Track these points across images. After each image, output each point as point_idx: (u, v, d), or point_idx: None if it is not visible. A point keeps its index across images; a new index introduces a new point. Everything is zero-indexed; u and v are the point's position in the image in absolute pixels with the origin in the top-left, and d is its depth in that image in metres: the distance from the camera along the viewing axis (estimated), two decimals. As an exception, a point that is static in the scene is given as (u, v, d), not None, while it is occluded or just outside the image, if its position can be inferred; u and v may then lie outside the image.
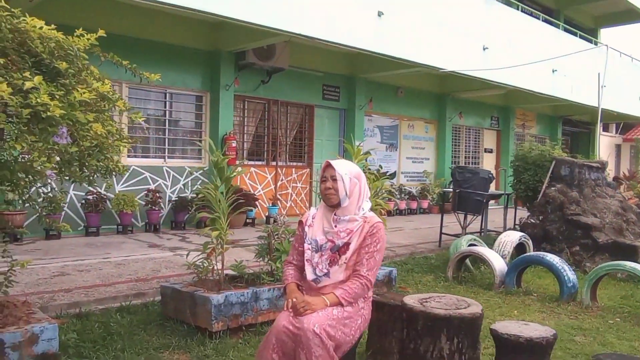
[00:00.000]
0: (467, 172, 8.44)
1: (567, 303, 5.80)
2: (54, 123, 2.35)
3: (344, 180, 2.97)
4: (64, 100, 2.40)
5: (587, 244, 7.95)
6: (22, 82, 2.33)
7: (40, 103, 2.28)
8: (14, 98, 2.26)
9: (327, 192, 2.99)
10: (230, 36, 9.87)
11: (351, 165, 3.14)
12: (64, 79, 2.51)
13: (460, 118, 16.52)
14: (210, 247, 4.61)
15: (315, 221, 3.09)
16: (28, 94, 2.32)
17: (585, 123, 23.14)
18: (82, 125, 2.47)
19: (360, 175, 3.08)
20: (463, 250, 6.72)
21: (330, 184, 2.99)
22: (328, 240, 2.98)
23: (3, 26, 2.52)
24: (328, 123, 12.81)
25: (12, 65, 2.45)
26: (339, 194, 2.96)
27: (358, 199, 3.02)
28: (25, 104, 2.29)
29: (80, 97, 2.41)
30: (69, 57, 2.63)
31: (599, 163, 9.45)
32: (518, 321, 3.68)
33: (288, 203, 11.95)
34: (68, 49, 2.63)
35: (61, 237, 8.38)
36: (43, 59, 2.54)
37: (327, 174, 3.02)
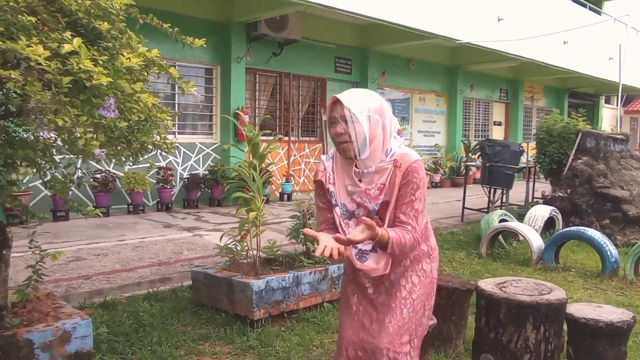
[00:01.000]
0: (497, 145, 8.12)
1: (609, 279, 5.56)
2: (99, 93, 2.01)
3: (362, 121, 2.06)
4: (109, 66, 2.06)
5: (617, 217, 7.71)
6: (59, 45, 1.98)
7: (82, 69, 1.93)
8: (52, 63, 1.92)
9: (340, 139, 2.10)
10: (241, 6, 9.43)
11: (368, 96, 2.15)
12: (106, 42, 2.16)
13: (471, 91, 16.15)
14: (246, 229, 4.29)
15: (336, 177, 2.23)
16: (67, 59, 1.97)
17: (590, 95, 22.86)
18: (129, 96, 2.13)
19: (382, 109, 2.14)
20: (498, 226, 6.44)
21: (341, 127, 2.08)
22: (357, 204, 2.18)
23: (30, -20, 2.16)
24: (340, 96, 12.41)
25: (43, 26, 2.10)
26: (356, 142, 2.08)
27: (383, 141, 2.14)
28: (64, 71, 1.95)
29: (128, 64, 2.07)
30: (107, 17, 2.28)
31: (623, 135, 9.15)
32: (590, 304, 3.40)
33: (301, 179, 11.64)
34: (106, 7, 2.27)
35: (69, 218, 8.05)
36: (79, 19, 2.18)
37: (336, 114, 2.10)
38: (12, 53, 1.84)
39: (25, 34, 1.96)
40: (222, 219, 8.44)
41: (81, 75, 1.94)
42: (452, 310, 3.63)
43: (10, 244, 2.73)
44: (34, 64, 1.89)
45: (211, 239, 6.86)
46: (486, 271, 5.77)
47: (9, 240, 2.72)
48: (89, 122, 1.97)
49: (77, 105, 1.99)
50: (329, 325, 4.07)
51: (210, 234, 7.12)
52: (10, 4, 1.97)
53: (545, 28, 13.63)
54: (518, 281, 3.12)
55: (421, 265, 2.29)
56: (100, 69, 1.98)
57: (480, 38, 11.94)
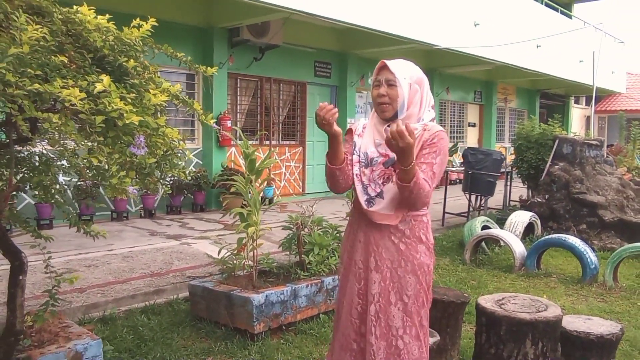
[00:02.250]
0: (479, 153, 8.34)
1: (590, 285, 5.79)
2: (128, 131, 2.06)
3: (403, 86, 2.30)
4: (137, 103, 2.11)
5: (594, 222, 7.98)
6: (88, 84, 2.03)
7: (113, 109, 1.99)
8: (85, 104, 1.97)
9: (381, 100, 2.33)
10: (224, 12, 9.44)
11: (412, 67, 2.42)
12: (132, 79, 2.22)
13: (447, 93, 16.42)
14: (244, 243, 4.36)
15: (366, 132, 2.46)
16: (98, 98, 2.03)
17: (560, 96, 23.45)
18: (154, 131, 2.19)
19: (422, 81, 2.40)
20: (481, 234, 6.63)
21: (384, 89, 2.32)
22: (380, 154, 2.38)
23: (55, 17, 2.20)
24: (320, 100, 12.51)
25: (71, 63, 2.15)
26: (394, 105, 2.32)
27: (419, 110, 2.37)
28: (96, 110, 2.00)
29: (155, 101, 2.13)
30: (130, 52, 2.33)
31: (597, 141, 9.48)
32: (580, 316, 3.58)
33: (282, 183, 11.71)
34: (129, 42, 2.33)
35: (54, 226, 7.98)
36: (105, 56, 2.23)
37: (381, 77, 2.34)
38: (48, 95, 1.89)
39: (57, 73, 2.01)
40: (207, 225, 8.46)
41: (112, 114, 1.99)
42: (448, 323, 3.76)
43: (25, 269, 2.76)
44: (68, 104, 1.93)
45: (199, 247, 6.90)
46: (471, 278, 5.94)
47: (24, 265, 2.75)
48: (121, 160, 2.03)
49: (109, 144, 2.04)
50: (326, 337, 4.16)
51: (197, 242, 7.15)
52: (41, 43, 2.01)
53: (520, 32, 13.98)
54: (515, 297, 3.27)
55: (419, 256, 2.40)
56: (130, 107, 2.03)
57: (457, 43, 12.17)
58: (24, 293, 2.74)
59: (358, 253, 2.49)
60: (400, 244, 2.40)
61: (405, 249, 2.40)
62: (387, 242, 2.41)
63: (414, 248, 2.40)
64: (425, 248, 2.43)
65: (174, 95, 2.33)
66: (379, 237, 2.42)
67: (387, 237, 2.41)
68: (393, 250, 2.40)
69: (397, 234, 2.40)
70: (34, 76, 1.88)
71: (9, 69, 1.78)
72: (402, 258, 2.40)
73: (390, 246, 2.41)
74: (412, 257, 2.40)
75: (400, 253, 2.40)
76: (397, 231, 2.40)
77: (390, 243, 2.41)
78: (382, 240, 2.42)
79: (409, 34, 10.86)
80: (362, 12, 9.60)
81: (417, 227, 2.41)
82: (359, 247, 2.50)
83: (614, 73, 21.05)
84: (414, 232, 2.41)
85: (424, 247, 2.42)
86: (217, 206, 9.94)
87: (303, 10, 8.50)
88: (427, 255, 2.44)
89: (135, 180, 2.16)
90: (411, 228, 2.40)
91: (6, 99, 1.80)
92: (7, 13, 1.95)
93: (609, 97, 26.10)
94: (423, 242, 2.42)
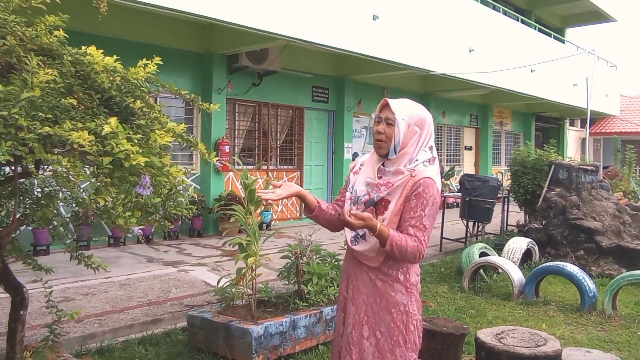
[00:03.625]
0: (476, 180, 8.39)
1: (588, 313, 5.78)
2: (134, 172, 2.09)
3: (400, 126, 2.33)
4: (144, 144, 2.14)
5: (591, 248, 8.00)
6: (96, 125, 2.06)
7: (121, 150, 2.01)
8: (93, 145, 2.00)
9: (378, 137, 2.38)
10: (223, 39, 9.54)
11: (415, 107, 2.43)
12: (138, 119, 2.25)
13: (443, 117, 16.56)
14: (243, 274, 4.36)
15: (363, 169, 2.52)
16: (105, 139, 2.05)
17: (555, 119, 23.65)
18: (159, 170, 2.21)
19: (424, 122, 2.40)
20: (479, 261, 6.63)
21: (382, 127, 2.36)
22: (367, 192, 2.43)
23: (65, 59, 2.24)
24: (317, 125, 12.61)
25: (79, 104, 2.18)
26: (389, 143, 2.35)
27: (414, 150, 2.38)
28: (103, 152, 2.03)
29: (161, 141, 2.16)
30: (137, 92, 2.36)
31: (593, 166, 9.54)
32: (579, 349, 3.58)
33: (279, 207, 11.71)
34: (135, 82, 2.36)
35: (50, 252, 7.95)
36: (112, 96, 2.27)
37: (382, 115, 2.40)
38: (57, 138, 1.91)
39: (67, 115, 2.04)
40: (205, 251, 8.44)
41: (119, 155, 2.01)
42: (447, 355, 3.76)
43: (27, 304, 2.75)
44: (76, 146, 1.96)
45: (197, 274, 6.87)
46: (470, 307, 5.94)
47: (25, 300, 2.75)
48: (127, 200, 2.05)
49: (115, 184, 2.06)
50: (326, 369, 4.15)
51: (195, 269, 7.13)
52: (51, 85, 2.04)
53: (514, 57, 14.17)
54: (514, 331, 3.28)
55: (395, 295, 2.41)
56: (137, 147, 2.05)
57: (452, 69, 12.31)
58: (24, 328, 2.73)
59: (343, 284, 2.60)
60: (377, 280, 2.45)
61: (381, 286, 2.44)
62: (364, 277, 2.48)
63: (390, 286, 2.43)
64: (403, 287, 2.44)
65: (179, 135, 2.35)
66: (357, 271, 2.50)
67: (365, 272, 2.48)
68: (370, 285, 2.46)
69: (374, 271, 2.46)
70: (44, 119, 1.91)
71: (21, 114, 1.81)
72: (378, 294, 2.44)
73: (367, 281, 2.47)
74: (387, 295, 2.43)
75: (376, 289, 2.45)
76: (375, 269, 2.45)
77: (368, 278, 2.47)
78: (360, 275, 2.49)
79: (406, 60, 10.98)
80: (359, 39, 9.72)
81: (395, 266, 2.44)
82: (344, 278, 2.60)
83: (607, 96, 21.29)
84: (391, 271, 2.44)
85: (401, 286, 2.44)
86: (214, 231, 9.93)
87: (301, 38, 8.60)
88: (404, 295, 2.44)
89: (140, 220, 2.17)
90: (389, 266, 2.44)
91: (17, 142, 1.82)
92: (20, 56, 1.98)
93: (603, 119, 26.33)
94: (400, 282, 2.44)
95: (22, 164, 2.61)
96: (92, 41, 2.70)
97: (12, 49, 2.02)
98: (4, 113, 1.80)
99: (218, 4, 7.46)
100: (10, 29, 2.05)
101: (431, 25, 11.54)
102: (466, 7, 13.06)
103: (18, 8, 2.21)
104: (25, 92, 1.85)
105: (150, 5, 6.89)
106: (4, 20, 2.04)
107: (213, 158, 2.47)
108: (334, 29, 9.20)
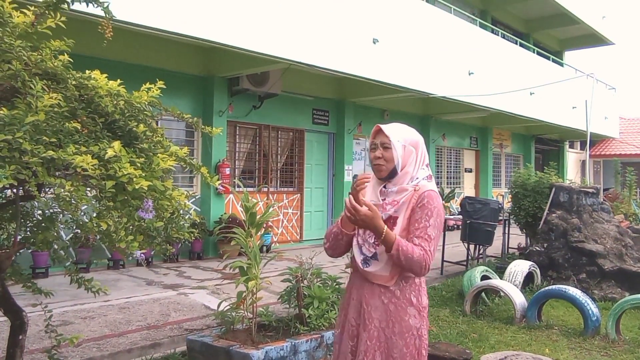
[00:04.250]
0: (477, 203, 8.38)
1: (592, 337, 5.73)
2: (137, 195, 2.08)
3: (397, 148, 2.42)
4: (147, 168, 2.14)
5: (593, 271, 7.95)
6: (100, 149, 2.06)
7: (124, 174, 2.01)
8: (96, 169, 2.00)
9: (376, 162, 2.45)
10: (225, 62, 9.62)
11: (407, 130, 2.54)
12: (141, 143, 2.25)
13: (443, 140, 16.61)
14: (243, 298, 4.32)
15: (366, 192, 2.55)
16: (108, 163, 2.05)
17: (554, 141, 23.73)
18: (161, 194, 2.21)
19: (417, 143, 2.51)
20: (481, 284, 6.59)
21: (380, 152, 2.44)
22: None
23: (70, 83, 2.25)
24: (317, 147, 12.65)
25: (83, 128, 2.19)
26: (389, 165, 2.43)
27: (413, 169, 2.47)
28: (106, 175, 2.02)
29: (164, 165, 2.16)
30: (140, 116, 2.37)
31: (593, 188, 9.54)
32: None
33: (280, 230, 11.68)
34: (138, 107, 2.37)
35: (49, 275, 7.90)
36: (116, 120, 2.27)
37: (377, 141, 2.47)
38: (61, 162, 1.91)
39: (70, 139, 2.04)
40: (204, 274, 8.39)
41: (122, 179, 2.01)
42: (452, 380, 3.72)
43: (26, 328, 2.73)
44: (79, 169, 1.96)
45: (197, 297, 6.82)
46: (472, 331, 5.88)
47: (24, 325, 2.72)
48: (130, 224, 2.04)
49: (118, 207, 2.06)
50: (327, 394, 4.09)
51: (195, 292, 7.08)
52: (55, 109, 2.05)
53: (513, 80, 14.27)
54: (517, 356, 3.25)
55: (408, 319, 2.40)
56: (139, 171, 2.05)
57: (452, 91, 12.40)
58: (23, 353, 2.69)
59: (352, 310, 2.53)
60: (390, 304, 2.41)
61: (394, 310, 2.41)
62: (376, 302, 2.44)
63: (404, 310, 2.41)
64: (416, 311, 2.43)
65: (182, 158, 2.35)
66: (369, 296, 2.46)
67: (377, 296, 2.44)
68: (382, 310, 2.42)
69: (387, 294, 2.42)
70: (48, 143, 1.92)
71: (25, 138, 1.81)
72: (391, 319, 2.41)
73: (380, 306, 2.43)
74: (400, 319, 2.40)
75: (389, 314, 2.41)
76: (387, 291, 2.42)
77: (380, 303, 2.43)
78: (372, 300, 2.45)
79: (405, 83, 11.06)
80: (359, 62, 9.80)
81: (407, 288, 2.42)
82: (352, 305, 2.54)
83: (606, 118, 21.39)
84: (404, 294, 2.42)
85: (414, 309, 2.42)
86: (214, 254, 9.89)
87: (302, 61, 8.67)
88: (417, 319, 2.43)
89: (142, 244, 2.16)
90: (401, 289, 2.42)
91: (21, 166, 1.82)
92: (25, 81, 1.99)
93: (603, 142, 26.42)
94: (413, 305, 2.42)
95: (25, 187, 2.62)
96: (96, 64, 2.73)
97: (17, 73, 2.04)
98: (8, 137, 1.80)
99: (220, 28, 7.54)
100: (16, 53, 2.07)
101: (431, 48, 11.65)
102: (465, 30, 13.21)
103: (24, 33, 2.23)
104: (30, 116, 1.86)
105: (154, 30, 6.96)
106: (10, 45, 2.06)
107: (215, 182, 2.47)
108: (335, 52, 9.28)
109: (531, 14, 19.46)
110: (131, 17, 6.45)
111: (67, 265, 2.94)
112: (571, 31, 21.22)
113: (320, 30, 8.97)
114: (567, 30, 21.19)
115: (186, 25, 7.13)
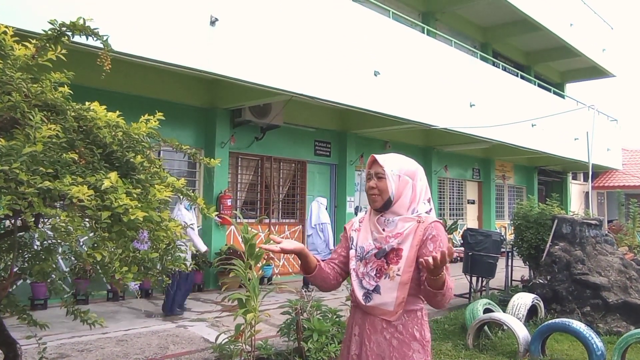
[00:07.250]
0: (479, 234, 8.34)
1: (597, 373, 5.62)
2: (132, 226, 2.08)
3: (391, 178, 2.38)
4: (143, 199, 2.14)
5: (598, 304, 7.85)
6: (96, 180, 2.07)
7: (120, 204, 2.01)
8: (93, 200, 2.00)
9: (371, 192, 2.42)
10: (227, 94, 9.72)
11: (403, 160, 2.48)
12: (138, 174, 2.26)
13: (445, 171, 16.63)
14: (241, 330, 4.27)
15: (363, 226, 2.51)
16: (104, 193, 2.05)
17: (557, 172, 23.72)
18: (157, 224, 2.20)
19: (415, 174, 2.45)
20: (483, 317, 6.50)
21: (373, 182, 2.41)
22: (375, 247, 2.41)
23: (69, 114, 2.27)
24: (319, 178, 12.67)
25: (80, 159, 2.20)
26: (384, 196, 2.39)
27: (411, 201, 2.40)
28: (102, 206, 2.02)
29: (160, 196, 2.16)
30: (138, 147, 2.39)
31: (596, 220, 9.49)
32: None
33: (281, 262, 11.61)
34: (137, 138, 2.39)
35: (48, 306, 7.84)
36: (113, 151, 2.29)
37: (372, 171, 2.45)
38: (57, 192, 1.92)
39: (67, 170, 2.05)
40: (205, 306, 8.32)
41: (118, 209, 2.01)
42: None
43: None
44: (75, 200, 1.96)
45: (196, 330, 6.75)
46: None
47: (18, 357, 2.69)
48: (125, 255, 2.03)
49: (113, 238, 2.05)
50: None
51: (194, 325, 7.01)
52: (53, 140, 2.07)
53: (514, 112, 14.36)
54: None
55: (412, 354, 2.34)
56: (135, 202, 2.05)
57: (453, 123, 12.46)
58: (17, 386, 2.66)
59: (354, 347, 2.47)
60: (393, 339, 2.35)
61: (397, 345, 2.35)
62: (379, 337, 2.37)
63: (407, 345, 2.35)
64: (420, 345, 2.37)
65: (179, 189, 2.36)
66: (371, 331, 2.40)
67: (380, 332, 2.38)
68: (385, 346, 2.36)
69: (389, 329, 2.36)
70: (45, 173, 1.92)
71: (22, 168, 1.82)
72: (394, 354, 2.35)
73: (382, 341, 2.37)
74: (404, 354, 2.34)
75: (392, 349, 2.35)
76: (390, 326, 2.36)
77: (382, 338, 2.37)
78: (374, 335, 2.39)
79: (407, 115, 11.12)
80: (361, 94, 9.88)
81: (410, 323, 2.37)
82: (354, 341, 2.47)
83: (609, 150, 21.41)
84: (407, 328, 2.36)
85: (417, 344, 2.36)
86: (215, 286, 9.82)
87: (304, 93, 8.75)
88: (421, 353, 2.37)
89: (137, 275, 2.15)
90: (404, 324, 2.36)
91: (17, 196, 1.83)
92: (24, 112, 2.01)
93: (606, 173, 26.40)
94: (417, 339, 2.37)
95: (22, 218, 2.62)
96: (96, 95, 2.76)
97: (17, 105, 2.06)
98: (4, 168, 1.81)
99: (223, 61, 7.64)
100: (16, 85, 2.09)
101: (432, 80, 11.76)
102: (466, 63, 13.35)
103: (25, 65, 2.27)
104: (27, 147, 1.87)
105: (157, 62, 7.05)
106: (11, 77, 2.09)
107: (212, 213, 2.47)
108: (336, 84, 9.37)
109: (532, 46, 19.70)
110: (133, 49, 6.54)
111: (65, 297, 2.89)
112: (572, 64, 21.46)
113: (322, 62, 9.08)
114: (568, 63, 21.42)
115: (188, 57, 7.22)
